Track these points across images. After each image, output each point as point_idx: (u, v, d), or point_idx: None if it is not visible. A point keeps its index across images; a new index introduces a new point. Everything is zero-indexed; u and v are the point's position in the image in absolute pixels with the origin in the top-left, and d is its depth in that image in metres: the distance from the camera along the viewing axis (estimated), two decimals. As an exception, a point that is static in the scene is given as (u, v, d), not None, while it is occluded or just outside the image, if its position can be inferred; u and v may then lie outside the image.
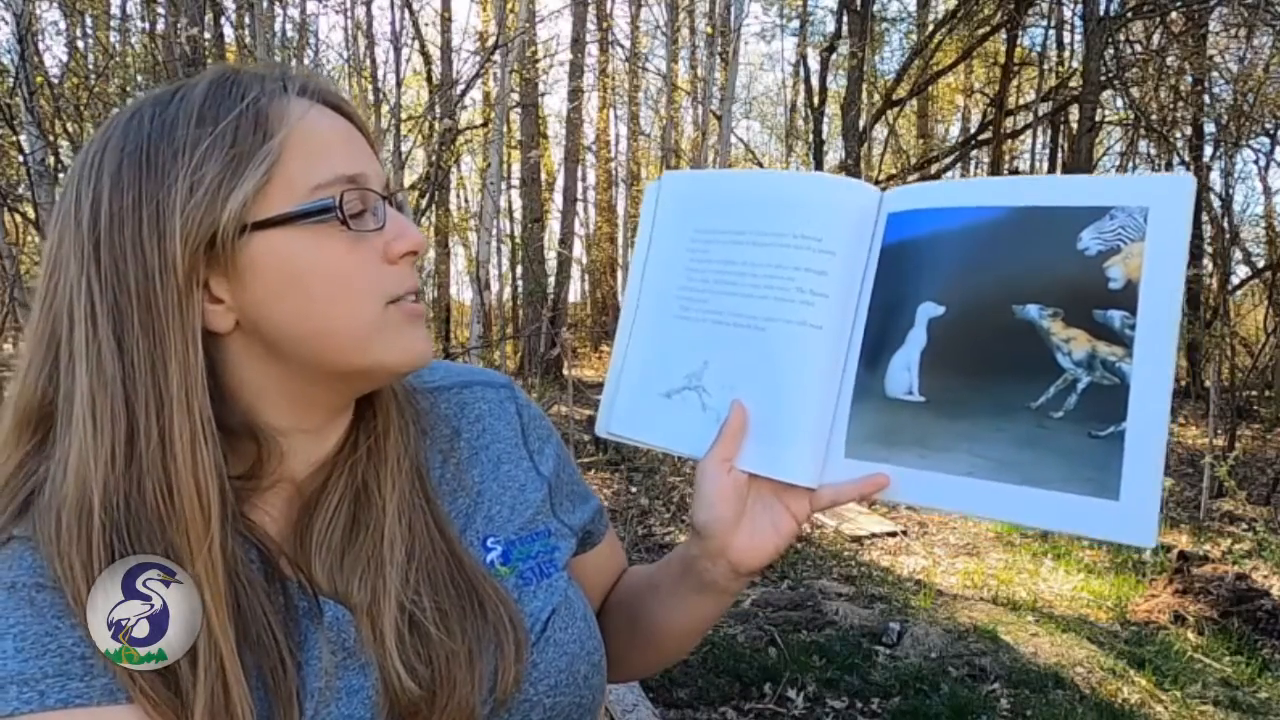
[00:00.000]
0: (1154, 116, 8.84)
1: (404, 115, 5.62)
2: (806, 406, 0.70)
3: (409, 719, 0.60)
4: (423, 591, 0.64)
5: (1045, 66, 11.20)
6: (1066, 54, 11.48)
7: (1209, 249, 8.38)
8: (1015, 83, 11.72)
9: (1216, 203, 8.04)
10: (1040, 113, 11.08)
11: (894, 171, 12.65)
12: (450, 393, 0.78)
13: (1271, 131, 9.19)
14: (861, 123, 9.29)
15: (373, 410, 0.69)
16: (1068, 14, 10.60)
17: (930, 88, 12.34)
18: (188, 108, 0.59)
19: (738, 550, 0.72)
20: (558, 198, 13.26)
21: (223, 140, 0.57)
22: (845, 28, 9.33)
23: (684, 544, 0.78)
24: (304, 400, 0.64)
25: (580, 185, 14.77)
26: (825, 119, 10.02)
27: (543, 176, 12.94)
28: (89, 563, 0.55)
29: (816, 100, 9.57)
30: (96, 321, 0.57)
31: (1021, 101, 12.24)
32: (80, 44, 7.69)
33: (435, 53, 10.48)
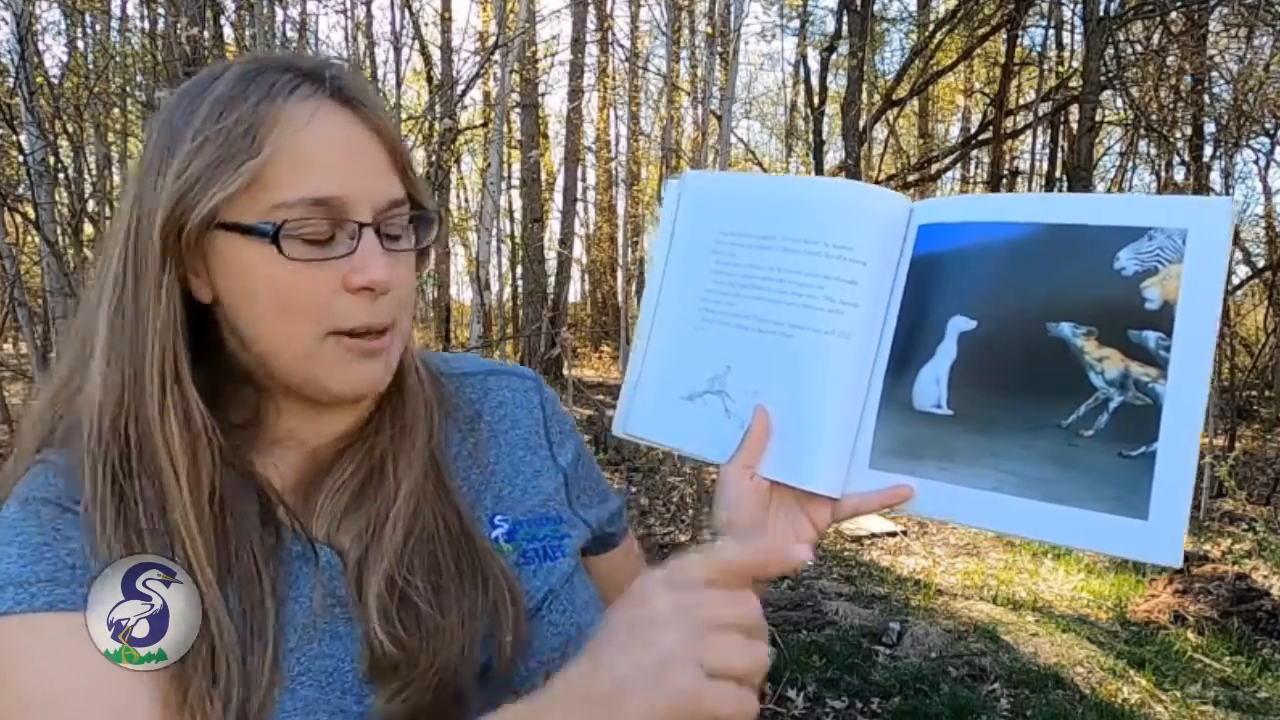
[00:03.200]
0: (1154, 116, 8.84)
1: (404, 115, 5.62)
2: (832, 415, 0.70)
3: (388, 677, 0.62)
4: (417, 570, 0.65)
5: (1045, 66, 11.19)
6: (1066, 54, 11.47)
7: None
8: (1015, 83, 11.71)
9: (1216, 203, 8.01)
10: (1040, 113, 11.07)
11: (894, 171, 12.65)
12: (476, 379, 0.80)
13: (1271, 131, 9.19)
14: (861, 123, 9.28)
15: (401, 397, 0.71)
16: (1068, 14, 10.60)
17: (930, 88, 12.33)
18: (211, 96, 0.62)
19: None
20: (558, 198, 13.26)
21: (217, 138, 0.60)
22: (845, 28, 9.32)
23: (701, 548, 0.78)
24: (280, 384, 0.67)
25: (580, 185, 14.77)
26: (825, 119, 10.01)
27: (543, 176, 12.93)
28: (92, 483, 0.60)
29: (816, 100, 9.56)
30: (118, 274, 0.63)
31: (1021, 101, 12.23)
32: (80, 44, 7.68)
33: (435, 53, 10.48)
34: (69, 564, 0.59)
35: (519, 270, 12.74)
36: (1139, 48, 9.02)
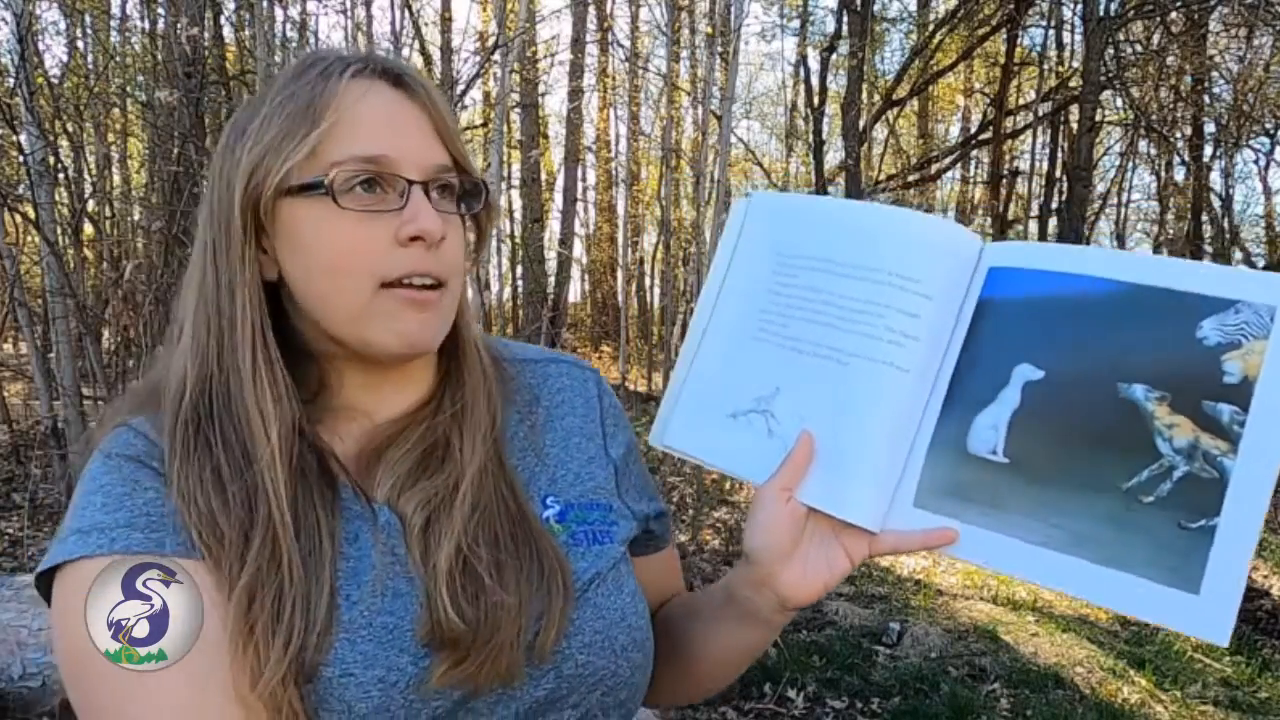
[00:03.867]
0: (1154, 116, 8.85)
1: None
2: (880, 448, 0.69)
3: (448, 647, 0.63)
4: (482, 543, 0.68)
5: (1045, 66, 11.18)
6: (1066, 54, 11.46)
7: (1209, 249, 8.38)
8: (1015, 83, 11.71)
9: (1216, 203, 8.05)
10: (1040, 113, 11.07)
11: (894, 171, 12.65)
12: (537, 366, 0.82)
13: (1271, 131, 9.20)
14: (861, 123, 9.28)
15: (460, 374, 0.74)
16: (1068, 14, 10.60)
17: (930, 88, 12.33)
18: (274, 85, 0.69)
19: (786, 583, 0.71)
20: (558, 198, 13.24)
21: (281, 118, 0.66)
22: (845, 28, 9.32)
23: (730, 571, 0.78)
24: (341, 352, 0.71)
25: (580, 185, 14.74)
26: (825, 119, 10.01)
27: (543, 176, 12.93)
28: (174, 434, 0.66)
29: (816, 100, 9.56)
30: (203, 253, 0.69)
31: (1021, 101, 12.23)
32: (80, 44, 7.68)
33: (435, 53, 10.48)
34: (145, 512, 0.63)
35: (519, 270, 12.74)
36: (1139, 48, 9.03)
